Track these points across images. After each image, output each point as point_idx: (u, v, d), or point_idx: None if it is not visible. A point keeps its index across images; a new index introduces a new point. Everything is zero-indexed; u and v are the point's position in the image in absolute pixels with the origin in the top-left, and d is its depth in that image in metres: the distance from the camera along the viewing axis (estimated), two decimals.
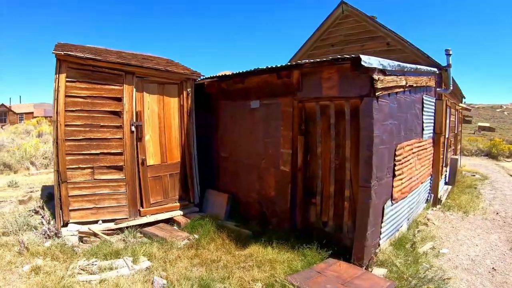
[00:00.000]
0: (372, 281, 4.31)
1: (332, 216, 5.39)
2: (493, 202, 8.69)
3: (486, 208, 8.01)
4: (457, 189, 9.39)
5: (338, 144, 5.23)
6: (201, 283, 4.10)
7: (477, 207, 7.86)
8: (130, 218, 5.79)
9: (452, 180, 9.45)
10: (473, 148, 21.51)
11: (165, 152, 6.27)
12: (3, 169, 10.90)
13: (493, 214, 7.60)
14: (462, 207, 7.75)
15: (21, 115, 46.17)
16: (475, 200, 8.41)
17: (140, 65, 5.74)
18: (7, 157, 11.40)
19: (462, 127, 15.57)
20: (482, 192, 9.69)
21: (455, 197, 8.56)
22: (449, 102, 9.11)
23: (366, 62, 4.37)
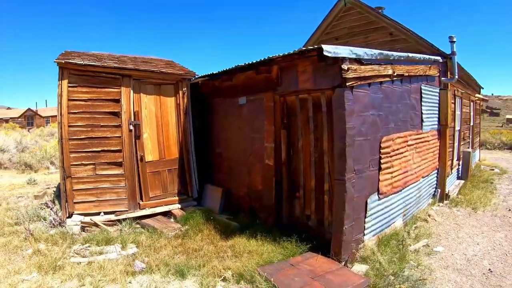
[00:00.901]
0: (345, 277, 4.06)
1: (314, 210, 5.15)
2: (508, 197, 7.79)
3: (499, 204, 7.19)
4: (470, 184, 8.52)
5: (317, 137, 4.99)
6: (176, 268, 4.18)
7: (488, 203, 7.08)
8: (129, 210, 5.96)
9: (465, 174, 8.58)
10: (496, 141, 19.65)
11: (163, 149, 6.38)
12: (24, 169, 11.42)
13: (504, 211, 6.82)
14: (472, 203, 7.03)
15: (47, 118, 46.47)
16: (488, 196, 7.58)
17: (135, 68, 5.89)
18: (28, 158, 11.97)
19: (480, 119, 14.18)
20: (498, 187, 8.71)
21: (466, 192, 7.77)
22: (459, 92, 8.31)
23: (330, 52, 4.09)
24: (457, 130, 8.50)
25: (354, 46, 5.91)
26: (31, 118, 46.71)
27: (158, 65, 6.41)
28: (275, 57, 4.75)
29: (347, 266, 4.39)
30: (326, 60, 4.34)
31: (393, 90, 5.33)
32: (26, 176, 10.13)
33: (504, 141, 19.43)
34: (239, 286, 3.95)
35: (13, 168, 11.40)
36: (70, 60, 5.48)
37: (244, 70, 5.56)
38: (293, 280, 3.95)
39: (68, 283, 3.85)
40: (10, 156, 11.36)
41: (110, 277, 3.99)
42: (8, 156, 11.38)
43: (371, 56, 4.69)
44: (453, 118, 7.56)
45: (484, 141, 19.92)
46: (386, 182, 5.17)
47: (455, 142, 8.12)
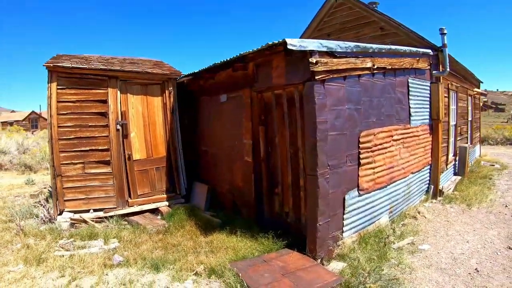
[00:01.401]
0: (317, 274, 3.90)
1: (291, 206, 4.98)
2: (506, 193, 7.31)
3: (495, 200, 6.75)
4: (468, 180, 8.04)
5: (292, 133, 4.82)
6: (152, 262, 4.19)
7: (484, 199, 6.64)
8: (118, 207, 5.98)
9: (461, 170, 8.10)
10: (498, 136, 18.68)
11: (151, 148, 6.37)
12: (24, 170, 11.57)
13: (501, 207, 6.39)
14: (466, 199, 6.62)
15: None
16: (485, 192, 7.12)
17: (121, 70, 5.91)
18: (28, 159, 12.13)
19: (480, 113, 13.50)
20: (496, 183, 8.19)
21: (463, 188, 7.33)
22: (454, 86, 7.87)
23: (295, 46, 3.92)
24: (453, 124, 8.05)
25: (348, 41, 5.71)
26: (35, 121, 46.84)
27: (146, 65, 6.41)
28: (247, 53, 4.61)
29: (323, 264, 4.22)
30: (293, 55, 4.20)
31: (374, 83, 5.08)
32: (25, 176, 10.30)
33: (507, 136, 18.51)
34: (209, 281, 3.92)
35: (14, 170, 11.62)
36: (58, 63, 5.56)
37: (222, 68, 5.45)
38: (263, 276, 3.84)
39: (50, 274, 3.97)
40: (11, 157, 11.61)
41: (89, 269, 4.09)
42: (9, 158, 11.60)
43: (346, 49, 4.48)
44: (447, 112, 7.17)
45: (487, 136, 19.07)
46: (367, 177, 4.93)
47: (450, 137, 7.69)
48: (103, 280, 3.86)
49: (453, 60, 7.29)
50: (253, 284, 3.66)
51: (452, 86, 7.62)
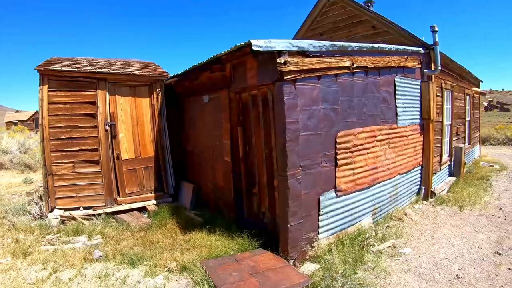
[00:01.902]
0: (286, 275, 3.82)
1: (267, 207, 4.92)
2: (502, 195, 6.93)
3: (490, 202, 6.41)
4: (464, 181, 7.67)
5: (266, 133, 4.75)
6: (129, 258, 4.33)
7: (478, 201, 6.32)
8: (106, 206, 6.07)
9: (457, 171, 7.73)
10: (500, 136, 17.96)
11: (139, 148, 6.43)
12: (24, 169, 11.79)
13: (494, 210, 6.07)
14: (459, 201, 6.31)
15: None
16: (480, 193, 6.77)
17: (110, 72, 6.00)
18: (28, 159, 12.39)
19: (480, 113, 12.95)
20: (494, 184, 7.78)
21: (457, 189, 7.00)
22: (448, 85, 7.54)
23: (261, 46, 3.85)
24: (447, 124, 7.71)
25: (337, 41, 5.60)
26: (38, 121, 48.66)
27: (136, 67, 6.47)
28: (220, 55, 4.57)
29: (295, 265, 4.13)
30: (263, 55, 4.11)
31: (354, 82, 4.93)
32: (24, 175, 10.57)
33: (509, 136, 17.78)
34: (179, 277, 4.00)
35: (14, 169, 11.90)
36: (49, 67, 5.69)
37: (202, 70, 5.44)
38: (230, 275, 3.82)
39: (34, 267, 4.17)
40: (12, 157, 11.91)
41: (70, 263, 4.27)
42: (9, 157, 11.88)
43: (320, 48, 4.36)
44: (440, 112, 6.88)
45: (489, 136, 18.45)
46: (346, 178, 4.79)
47: (444, 138, 7.36)
48: (81, 273, 4.03)
49: (447, 58, 7.00)
50: (219, 282, 3.65)
51: (446, 85, 7.30)
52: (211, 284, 3.65)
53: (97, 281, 3.86)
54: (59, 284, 3.78)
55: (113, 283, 3.82)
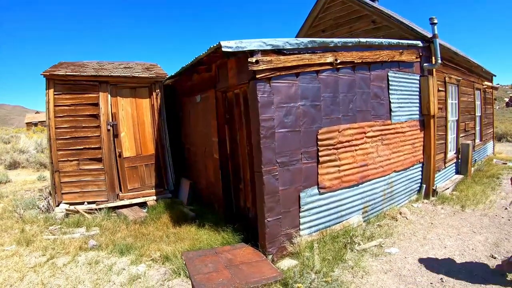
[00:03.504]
0: (259, 269, 3.93)
1: (251, 202, 5.04)
2: (510, 194, 6.52)
3: (496, 201, 6.06)
4: (471, 179, 7.27)
5: (248, 131, 4.85)
6: (120, 247, 4.74)
7: (483, 200, 6.00)
8: (109, 201, 6.48)
9: (464, 168, 7.34)
10: None
11: (140, 146, 6.80)
12: (39, 167, 12.52)
13: (499, 210, 5.76)
14: (462, 200, 6.04)
15: None
16: (487, 192, 6.41)
17: (110, 75, 6.39)
18: (43, 158, 13.03)
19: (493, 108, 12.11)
20: (503, 182, 7.30)
21: (463, 188, 6.67)
22: (453, 79, 7.20)
23: (231, 47, 3.95)
24: (453, 120, 7.37)
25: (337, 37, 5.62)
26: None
27: (137, 69, 6.85)
28: (201, 57, 4.74)
29: (273, 260, 4.22)
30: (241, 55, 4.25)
31: (338, 78, 4.89)
32: (39, 173, 11.28)
33: None
34: (160, 266, 4.32)
35: (30, 167, 12.67)
36: (54, 72, 6.19)
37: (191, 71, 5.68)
38: (206, 266, 4.00)
39: (34, 253, 4.68)
40: (28, 156, 12.70)
41: (66, 250, 4.75)
42: (26, 156, 12.66)
43: (298, 45, 4.40)
44: (443, 107, 6.60)
45: (505, 133, 17.51)
46: (330, 175, 4.78)
47: (448, 134, 7.04)
48: (75, 260, 4.48)
49: (451, 51, 6.72)
50: (193, 272, 3.83)
51: (451, 79, 6.98)
52: (187, 274, 3.89)
53: (87, 267, 4.29)
54: (54, 269, 4.23)
55: (101, 269, 4.22)
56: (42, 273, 4.11)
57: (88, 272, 4.14)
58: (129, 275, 4.01)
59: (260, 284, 3.61)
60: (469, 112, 8.55)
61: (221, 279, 3.69)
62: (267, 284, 3.65)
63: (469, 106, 8.67)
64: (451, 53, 6.95)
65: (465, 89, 8.18)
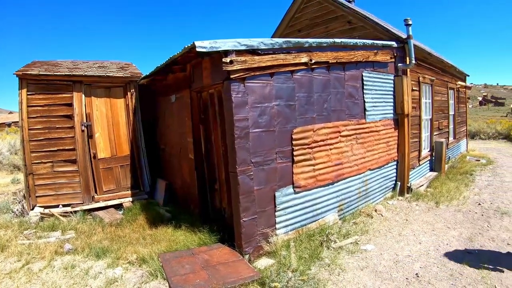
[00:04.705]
0: (236, 269, 3.99)
1: (227, 202, 5.06)
2: (483, 190, 6.77)
3: (469, 197, 6.28)
4: (445, 176, 7.53)
5: (223, 131, 4.87)
6: (96, 251, 4.66)
7: (457, 197, 6.21)
8: (84, 203, 6.39)
9: (438, 166, 7.60)
10: (491, 131, 17.73)
11: (115, 147, 6.73)
12: (13, 170, 12.24)
13: (473, 205, 5.96)
14: (436, 197, 6.23)
15: None
16: (461, 188, 6.64)
17: (84, 74, 6.30)
18: (17, 160, 12.70)
19: (466, 107, 12.65)
20: (477, 179, 7.58)
21: (437, 185, 6.88)
22: (427, 79, 7.43)
23: (205, 47, 3.96)
24: (427, 119, 7.60)
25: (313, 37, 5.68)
26: None
27: (111, 69, 6.78)
28: (175, 57, 4.72)
29: (250, 259, 4.26)
30: (215, 55, 4.27)
31: (313, 78, 4.97)
32: (12, 176, 10.99)
33: (499, 130, 17.57)
34: (137, 269, 4.28)
35: (3, 170, 12.36)
36: (27, 71, 6.04)
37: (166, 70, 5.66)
38: (183, 267, 4.04)
39: (9, 259, 4.55)
40: (1, 158, 12.36)
41: (42, 255, 4.63)
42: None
43: (272, 45, 4.44)
44: (417, 106, 6.80)
45: (479, 130, 18.23)
46: (305, 175, 4.85)
47: (422, 132, 7.27)
48: (51, 265, 4.39)
49: (425, 52, 6.93)
50: (170, 273, 3.88)
51: (425, 79, 7.20)
52: (164, 276, 3.89)
53: (64, 272, 4.22)
54: (30, 274, 4.14)
55: (77, 273, 4.16)
56: (18, 279, 4.03)
57: (64, 277, 4.09)
58: (106, 279, 3.98)
59: (237, 284, 3.67)
60: (442, 111, 8.81)
61: (198, 280, 3.74)
62: (244, 284, 3.70)
63: (443, 105, 8.92)
64: (425, 54, 7.15)
65: (438, 89, 8.43)
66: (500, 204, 6.12)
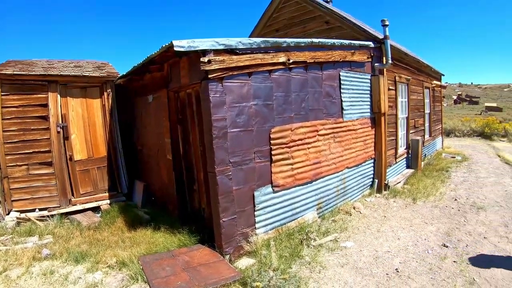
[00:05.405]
0: (216, 269, 3.99)
1: (206, 203, 5.07)
2: (459, 186, 7.02)
3: (446, 193, 6.49)
4: (422, 173, 7.76)
5: (201, 131, 4.88)
6: (75, 255, 4.56)
7: (434, 193, 6.41)
8: (61, 206, 6.26)
9: (414, 163, 7.83)
10: (465, 128, 18.46)
11: (91, 148, 6.63)
12: None
13: (449, 201, 6.15)
14: (413, 193, 6.40)
15: None
16: (437, 185, 6.86)
17: (59, 74, 6.17)
18: None
19: (442, 106, 13.20)
20: (452, 175, 7.85)
21: (414, 182, 7.09)
22: (403, 78, 7.64)
23: (183, 47, 3.94)
24: (403, 117, 7.81)
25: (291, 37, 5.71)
26: None
27: (87, 68, 6.67)
28: (152, 56, 4.69)
29: (231, 260, 4.26)
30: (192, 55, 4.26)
31: (291, 78, 5.01)
32: None
33: (474, 128, 18.26)
34: (117, 272, 4.19)
35: None
36: (1, 71, 5.85)
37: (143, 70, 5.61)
38: (164, 269, 4.02)
39: None
40: None
41: (19, 261, 4.48)
42: None
43: (251, 45, 4.46)
44: (393, 105, 6.98)
45: (454, 128, 18.88)
46: (283, 174, 4.89)
47: (398, 130, 7.45)
48: (29, 271, 4.25)
49: (402, 52, 7.11)
50: (151, 276, 3.85)
51: (401, 78, 7.39)
52: (144, 278, 3.85)
53: (42, 278, 4.10)
54: (8, 282, 4.00)
55: (57, 279, 4.05)
56: None
57: (43, 283, 3.98)
58: (86, 284, 3.91)
59: (218, 284, 3.68)
60: (418, 110, 9.06)
61: (179, 282, 3.73)
62: (226, 284, 3.71)
63: (419, 104, 9.18)
64: (401, 54, 7.33)
65: (414, 88, 8.66)
66: (476, 199, 6.33)
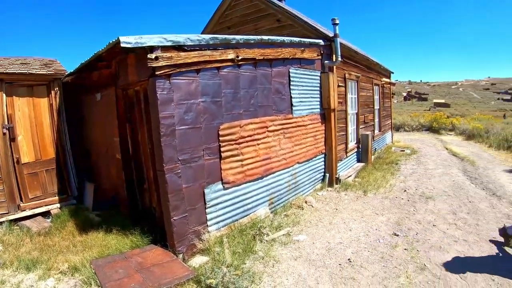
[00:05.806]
0: (170, 269, 3.99)
1: (156, 202, 5.03)
2: (409, 178, 7.43)
3: (395, 185, 6.84)
4: (372, 166, 8.16)
5: (149, 129, 4.84)
6: (26, 263, 4.40)
7: (384, 185, 6.73)
8: (10, 213, 5.93)
9: (364, 157, 8.23)
10: (414, 123, 19.73)
11: (39, 150, 6.34)
12: None
13: (399, 192, 6.48)
14: (364, 186, 6.70)
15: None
16: (387, 177, 7.22)
17: (5, 72, 5.80)
18: None
19: (391, 102, 13.92)
20: (402, 168, 8.32)
21: (364, 175, 7.44)
22: (352, 75, 8.00)
23: (130, 43, 3.83)
24: (353, 113, 8.17)
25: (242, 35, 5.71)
26: None
27: (34, 66, 6.38)
28: (99, 53, 4.57)
29: (184, 259, 4.27)
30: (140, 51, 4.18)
31: (240, 75, 5.07)
32: None
33: (423, 123, 19.46)
34: (70, 278, 4.09)
35: None
36: None
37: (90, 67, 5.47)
38: (117, 272, 3.97)
39: None
40: None
41: None
42: None
43: (199, 41, 4.44)
44: (343, 101, 7.28)
45: (403, 123, 20.02)
46: (233, 170, 4.94)
47: (348, 126, 7.80)
48: None
49: (351, 50, 7.39)
50: (104, 280, 3.79)
51: (351, 75, 7.71)
52: (98, 283, 3.78)
53: None
54: None
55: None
56: None
57: None
58: None
59: (172, 284, 3.70)
60: (368, 106, 9.47)
61: (133, 284, 3.71)
62: (180, 283, 3.74)
63: (368, 100, 9.59)
64: (351, 52, 7.61)
65: (364, 85, 9.05)
66: (424, 189, 6.68)
